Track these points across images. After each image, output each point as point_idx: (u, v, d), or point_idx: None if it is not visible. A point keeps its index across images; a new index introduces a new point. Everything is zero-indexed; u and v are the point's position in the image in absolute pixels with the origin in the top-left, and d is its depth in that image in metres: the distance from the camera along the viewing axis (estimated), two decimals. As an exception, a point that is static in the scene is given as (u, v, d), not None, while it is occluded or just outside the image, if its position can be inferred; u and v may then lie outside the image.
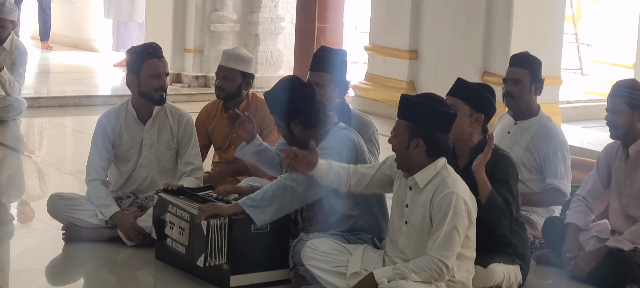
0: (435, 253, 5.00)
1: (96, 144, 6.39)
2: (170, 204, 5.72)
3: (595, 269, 5.86)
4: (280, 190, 5.50)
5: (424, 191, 5.11)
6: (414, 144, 5.07)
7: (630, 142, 5.96)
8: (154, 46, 6.38)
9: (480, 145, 5.54)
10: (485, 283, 5.48)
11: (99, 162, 6.36)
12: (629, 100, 5.90)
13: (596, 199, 6.19)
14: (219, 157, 7.17)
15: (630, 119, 5.91)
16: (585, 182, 6.26)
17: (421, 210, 5.11)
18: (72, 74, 13.91)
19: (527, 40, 10.30)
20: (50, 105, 11.61)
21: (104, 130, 6.40)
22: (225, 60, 6.89)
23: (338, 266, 5.30)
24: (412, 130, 5.07)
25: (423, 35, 11.57)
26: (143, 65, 6.30)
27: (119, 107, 6.51)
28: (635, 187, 5.96)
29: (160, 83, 6.31)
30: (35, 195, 7.93)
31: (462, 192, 5.08)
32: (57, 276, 5.98)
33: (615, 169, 6.08)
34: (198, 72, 13.11)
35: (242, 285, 5.51)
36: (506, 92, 6.57)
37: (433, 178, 5.10)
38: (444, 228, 4.99)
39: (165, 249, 5.82)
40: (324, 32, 12.08)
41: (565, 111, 11.33)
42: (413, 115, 5.09)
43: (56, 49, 16.16)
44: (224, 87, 6.89)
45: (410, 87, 11.55)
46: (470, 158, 5.53)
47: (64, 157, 9.53)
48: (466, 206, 5.06)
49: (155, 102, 6.36)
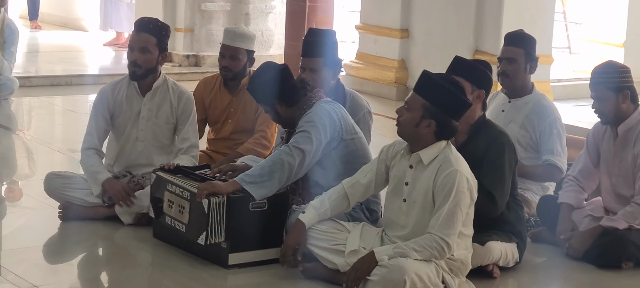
0: (437, 231, 5.02)
1: (95, 113, 6.39)
2: (168, 183, 5.72)
3: (591, 248, 5.90)
4: (276, 165, 5.56)
5: (428, 168, 5.12)
6: (425, 124, 5.07)
7: (619, 122, 5.99)
8: (142, 19, 6.39)
9: (478, 123, 5.56)
10: (483, 261, 5.51)
11: (96, 132, 6.35)
12: (609, 84, 5.91)
13: (587, 178, 6.22)
14: (214, 133, 7.17)
15: (615, 103, 5.93)
16: (575, 162, 6.29)
17: (424, 187, 5.13)
18: (61, 53, 13.86)
19: (518, 18, 10.32)
20: (41, 85, 11.59)
21: (105, 99, 6.39)
22: (230, 39, 6.86)
23: (337, 244, 5.33)
24: (427, 109, 5.06)
25: (414, 13, 11.57)
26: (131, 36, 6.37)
27: (123, 77, 6.50)
28: (624, 166, 5.99)
29: (133, 57, 6.28)
30: (28, 174, 7.92)
31: (465, 170, 5.10)
32: (54, 254, 5.98)
33: (604, 149, 6.11)
34: (189, 51, 13.10)
35: (241, 263, 5.54)
36: (501, 71, 6.59)
37: (437, 156, 5.12)
38: (447, 206, 5.01)
39: (163, 227, 5.83)
40: (314, 11, 12.06)
41: (555, 89, 11.37)
42: (433, 95, 5.06)
43: (45, 28, 16.09)
44: (231, 67, 6.89)
45: (402, 66, 11.56)
46: (468, 135, 5.56)
47: (54, 135, 9.52)
48: (468, 184, 5.07)
49: (130, 76, 6.35)
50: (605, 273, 5.82)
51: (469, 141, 5.56)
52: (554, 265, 5.96)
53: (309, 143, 5.60)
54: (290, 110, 5.74)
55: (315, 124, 5.62)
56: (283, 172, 5.56)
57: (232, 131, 7.02)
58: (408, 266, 4.95)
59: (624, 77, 5.94)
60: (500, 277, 5.62)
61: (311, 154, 5.62)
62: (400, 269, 4.94)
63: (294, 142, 5.62)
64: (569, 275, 5.83)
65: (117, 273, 5.68)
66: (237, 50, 6.85)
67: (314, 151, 5.62)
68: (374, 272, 5.01)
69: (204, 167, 6.09)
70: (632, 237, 5.86)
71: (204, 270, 5.53)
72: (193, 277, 5.47)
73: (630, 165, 5.95)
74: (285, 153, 5.59)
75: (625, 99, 5.92)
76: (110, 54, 14.04)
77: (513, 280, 5.69)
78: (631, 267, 5.88)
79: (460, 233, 5.12)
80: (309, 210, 5.38)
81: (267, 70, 5.76)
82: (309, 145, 5.60)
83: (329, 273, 5.34)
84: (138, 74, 6.30)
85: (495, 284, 5.59)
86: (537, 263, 5.97)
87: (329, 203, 5.38)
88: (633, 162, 5.94)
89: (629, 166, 5.96)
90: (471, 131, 5.57)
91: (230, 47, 6.86)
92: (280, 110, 5.75)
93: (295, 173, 5.62)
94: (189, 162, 6.29)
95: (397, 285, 4.93)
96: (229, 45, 6.86)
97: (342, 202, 5.40)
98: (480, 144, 5.55)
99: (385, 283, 4.95)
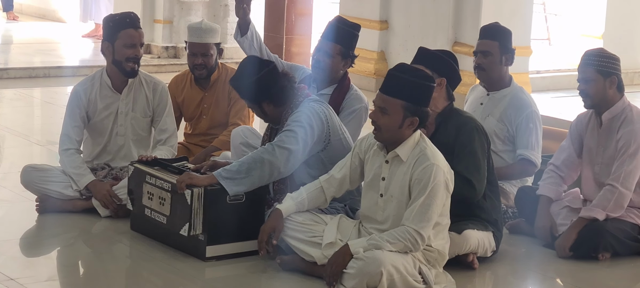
0: (411, 223, 5.03)
1: (71, 113, 6.37)
2: (147, 175, 5.71)
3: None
4: (256, 163, 5.52)
5: (404, 163, 5.13)
6: (408, 122, 5.07)
7: (604, 110, 6.01)
8: (132, 16, 6.36)
9: (445, 112, 5.58)
10: (460, 250, 5.52)
11: (73, 132, 6.33)
12: (598, 67, 5.93)
13: (570, 168, 6.24)
14: (190, 127, 7.17)
15: (603, 87, 5.95)
16: (559, 151, 6.29)
17: (400, 181, 5.13)
18: (39, 44, 13.81)
19: (497, 10, 10.35)
20: (19, 77, 11.54)
21: (78, 99, 6.37)
22: (199, 36, 6.83)
23: (314, 236, 5.33)
24: (408, 109, 5.05)
25: (393, 5, 11.58)
26: (119, 33, 6.28)
27: (93, 75, 6.49)
28: (608, 154, 6.00)
29: (134, 53, 6.28)
30: (5, 166, 7.88)
31: (442, 163, 5.10)
32: (32, 247, 5.95)
33: (588, 138, 6.12)
34: (168, 42, 13.07)
35: (218, 255, 5.53)
36: (477, 65, 6.60)
37: (412, 150, 5.13)
38: (422, 199, 5.02)
39: (141, 219, 5.82)
40: (294, 2, 12.03)
41: (534, 81, 11.42)
42: (410, 94, 5.05)
43: (22, 19, 16.01)
44: (205, 64, 6.87)
45: (381, 58, 11.57)
46: (436, 124, 5.58)
47: (33, 127, 9.48)
48: (445, 177, 5.08)
49: (126, 74, 6.34)
50: (584, 265, 5.83)
51: (437, 130, 5.57)
52: (532, 257, 5.98)
53: (295, 142, 5.55)
54: (278, 110, 5.68)
55: (302, 124, 5.56)
56: (262, 170, 5.51)
57: (208, 127, 7.02)
58: (384, 258, 4.96)
59: (613, 63, 5.96)
60: (478, 269, 5.62)
61: (297, 154, 5.56)
62: (376, 261, 4.95)
63: (279, 141, 5.56)
64: (547, 267, 5.84)
65: (94, 266, 5.67)
66: (208, 46, 6.85)
67: (300, 151, 5.57)
68: (350, 264, 5.01)
69: (181, 159, 6.08)
70: (608, 226, 5.88)
71: (182, 262, 5.53)
72: (171, 270, 5.46)
73: (613, 152, 5.97)
74: (267, 152, 5.54)
75: (612, 85, 5.94)
76: (89, 46, 13.98)
77: (490, 273, 5.71)
78: (608, 258, 5.90)
79: (437, 223, 5.13)
80: (286, 200, 5.39)
81: (253, 68, 5.67)
82: (294, 145, 5.54)
83: (306, 266, 5.34)
84: (136, 71, 6.32)
85: (473, 275, 5.60)
86: (515, 255, 5.98)
87: (306, 195, 5.39)
88: (615, 149, 5.95)
89: (612, 154, 5.98)
90: (439, 120, 5.59)
91: (202, 45, 6.84)
92: (268, 109, 5.69)
93: (279, 172, 5.57)
94: (168, 153, 6.30)
95: (374, 276, 4.94)
96: (200, 43, 6.83)
97: (319, 196, 5.40)
98: (450, 131, 5.56)
99: (362, 276, 4.96)
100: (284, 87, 5.66)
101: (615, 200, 5.88)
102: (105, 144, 6.44)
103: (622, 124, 5.95)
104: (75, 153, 6.31)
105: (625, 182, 5.88)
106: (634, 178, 5.91)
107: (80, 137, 6.39)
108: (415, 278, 5.08)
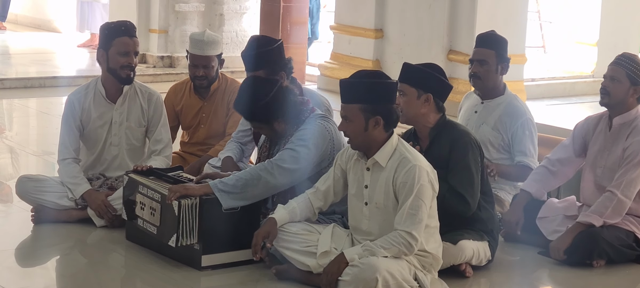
0: (403, 226, 5.06)
1: (66, 123, 6.37)
2: (140, 185, 5.72)
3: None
4: (253, 180, 5.53)
5: (385, 168, 5.16)
6: (372, 123, 5.10)
7: (617, 113, 6.02)
8: (127, 24, 6.36)
9: (438, 125, 5.58)
10: (455, 260, 5.53)
11: (70, 141, 6.33)
12: (629, 72, 5.95)
13: (565, 165, 6.25)
14: (188, 136, 7.17)
15: (626, 91, 5.96)
16: (558, 148, 6.29)
17: (383, 187, 5.16)
18: (34, 55, 13.81)
19: (492, 18, 10.37)
20: (15, 87, 11.54)
21: (73, 108, 6.37)
22: (201, 49, 6.80)
23: (308, 246, 5.33)
24: (366, 110, 5.09)
25: (388, 14, 11.59)
26: (114, 41, 6.28)
27: (88, 84, 6.49)
28: (612, 159, 6.02)
29: (128, 61, 6.28)
30: (2, 176, 7.89)
31: (424, 164, 5.14)
32: (27, 257, 5.95)
33: (594, 140, 6.13)
34: (163, 52, 13.07)
35: (214, 265, 5.54)
36: (472, 73, 6.60)
37: (392, 155, 5.15)
38: (410, 201, 5.05)
39: (136, 230, 5.83)
40: (289, 11, 12.05)
41: (529, 89, 11.42)
42: (363, 96, 5.10)
43: (17, 29, 16.01)
44: (207, 76, 6.86)
45: (376, 66, 11.58)
46: (430, 138, 5.58)
47: (29, 138, 9.48)
48: (429, 177, 5.11)
49: (121, 81, 6.34)
50: (578, 272, 5.84)
51: (431, 145, 5.58)
52: (527, 264, 5.98)
53: (295, 162, 5.53)
54: (288, 127, 5.65)
55: (306, 144, 5.54)
56: (257, 188, 5.52)
57: (206, 136, 7.02)
58: (379, 264, 4.97)
59: None
60: (473, 277, 5.63)
61: (297, 173, 5.55)
62: (372, 267, 4.96)
63: (280, 160, 5.54)
64: (541, 274, 5.86)
65: (90, 276, 5.67)
66: (210, 58, 6.83)
67: (300, 170, 5.55)
68: (346, 271, 5.04)
69: (176, 168, 6.09)
70: (603, 233, 5.88)
71: (177, 271, 5.53)
72: (166, 279, 5.46)
73: (618, 158, 5.99)
74: (266, 170, 5.53)
75: (635, 94, 5.97)
76: (85, 56, 14.00)
77: (485, 280, 5.71)
78: (602, 265, 5.91)
79: (427, 226, 5.15)
80: (278, 209, 5.41)
81: (265, 90, 5.56)
82: (294, 165, 5.53)
83: (302, 275, 5.35)
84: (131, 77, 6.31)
85: (468, 283, 5.61)
86: (509, 263, 5.99)
87: (296, 204, 5.41)
88: (621, 155, 5.97)
89: (617, 159, 5.99)
90: (433, 134, 5.59)
91: (204, 57, 6.81)
92: (279, 127, 5.64)
93: (273, 189, 5.58)
94: (162, 163, 6.30)
95: (369, 282, 4.95)
96: (202, 55, 6.81)
97: (308, 208, 5.42)
98: (444, 145, 5.56)
99: (357, 282, 4.98)
100: (295, 102, 5.64)
101: (614, 207, 5.89)
102: (99, 153, 6.44)
103: (632, 132, 5.98)
104: (73, 163, 6.31)
105: (626, 190, 5.90)
106: (635, 188, 5.93)
107: (77, 146, 6.38)
108: (411, 284, 5.10)
